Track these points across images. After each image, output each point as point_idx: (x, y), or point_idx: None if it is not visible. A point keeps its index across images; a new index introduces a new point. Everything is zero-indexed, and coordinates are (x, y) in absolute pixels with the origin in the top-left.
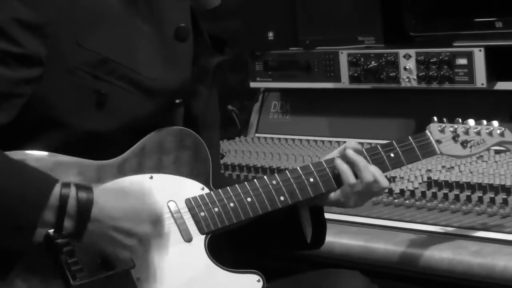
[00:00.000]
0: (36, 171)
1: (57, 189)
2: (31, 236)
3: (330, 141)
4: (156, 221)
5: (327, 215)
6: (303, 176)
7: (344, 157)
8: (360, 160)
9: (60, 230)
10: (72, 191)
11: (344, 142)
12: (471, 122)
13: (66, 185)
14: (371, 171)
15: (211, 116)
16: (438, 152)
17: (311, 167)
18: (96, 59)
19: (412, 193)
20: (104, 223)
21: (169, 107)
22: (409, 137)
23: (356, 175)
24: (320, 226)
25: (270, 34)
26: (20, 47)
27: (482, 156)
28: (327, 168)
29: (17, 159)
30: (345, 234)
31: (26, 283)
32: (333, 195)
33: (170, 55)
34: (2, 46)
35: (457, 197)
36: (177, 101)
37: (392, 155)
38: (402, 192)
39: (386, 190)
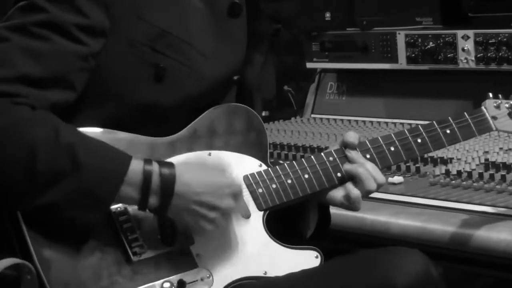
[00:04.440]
0: (112, 147)
1: (139, 165)
2: (106, 210)
3: (386, 122)
4: (237, 194)
5: (383, 195)
6: (360, 152)
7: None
8: (361, 172)
9: (144, 206)
10: (155, 167)
11: (401, 123)
12: None
13: (148, 161)
14: (374, 179)
15: (266, 82)
16: (494, 128)
17: (368, 143)
18: (155, 32)
19: (470, 174)
20: (187, 198)
21: (226, 83)
22: (465, 113)
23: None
24: (324, 224)
25: (327, 15)
26: (87, 18)
27: None
28: (383, 145)
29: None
30: (402, 215)
31: (87, 260)
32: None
33: (224, 31)
34: (71, 18)
35: None
36: (234, 77)
37: (448, 131)
38: (459, 173)
39: (443, 171)
